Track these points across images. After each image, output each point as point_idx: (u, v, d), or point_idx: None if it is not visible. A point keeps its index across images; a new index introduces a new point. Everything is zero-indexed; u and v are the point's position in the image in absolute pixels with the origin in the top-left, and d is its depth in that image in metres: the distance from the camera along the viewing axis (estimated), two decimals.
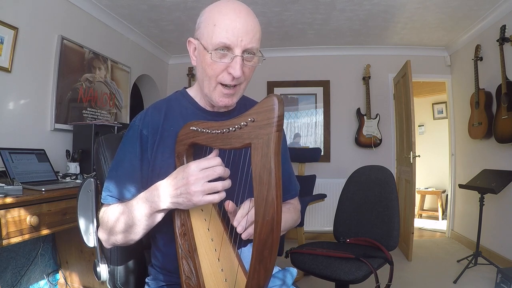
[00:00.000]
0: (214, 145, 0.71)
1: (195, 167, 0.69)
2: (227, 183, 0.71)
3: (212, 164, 0.70)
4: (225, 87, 0.81)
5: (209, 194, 0.70)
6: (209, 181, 0.69)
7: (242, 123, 0.62)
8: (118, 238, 0.81)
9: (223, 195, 0.71)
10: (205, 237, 0.78)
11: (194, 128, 0.75)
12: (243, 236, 0.72)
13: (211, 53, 0.77)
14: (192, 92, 0.95)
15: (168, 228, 0.82)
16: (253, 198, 0.61)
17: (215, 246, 0.78)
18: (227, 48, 0.77)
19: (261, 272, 0.60)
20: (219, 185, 0.69)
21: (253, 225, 0.61)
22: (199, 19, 0.84)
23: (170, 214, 0.80)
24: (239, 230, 0.72)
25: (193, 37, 0.86)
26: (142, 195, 0.78)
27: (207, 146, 0.75)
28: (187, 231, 0.77)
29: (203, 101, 0.92)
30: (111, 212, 0.82)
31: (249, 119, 0.61)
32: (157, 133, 0.87)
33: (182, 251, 0.77)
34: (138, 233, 0.79)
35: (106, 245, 0.87)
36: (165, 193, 0.73)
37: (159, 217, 0.78)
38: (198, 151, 0.82)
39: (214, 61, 0.78)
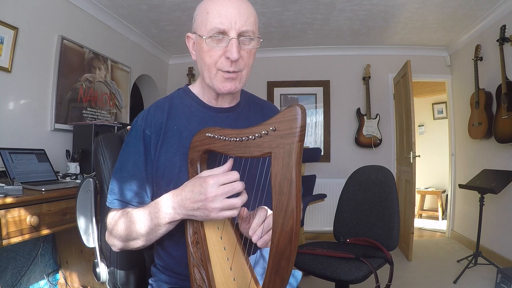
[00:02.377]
0: (230, 153, 0.69)
1: (213, 182, 0.67)
2: (245, 198, 0.69)
3: (230, 180, 0.68)
4: (225, 73, 0.80)
5: (227, 210, 0.68)
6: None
7: (262, 132, 0.61)
8: (129, 244, 0.80)
9: (240, 209, 0.70)
10: (218, 246, 0.77)
11: (209, 134, 0.73)
12: (259, 244, 0.71)
13: (205, 38, 0.77)
14: (195, 89, 0.92)
15: (175, 230, 0.80)
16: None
17: (227, 255, 0.76)
18: (222, 33, 0.77)
19: (277, 282, 0.59)
20: (238, 202, 0.68)
21: (269, 233, 0.59)
22: (194, 13, 0.85)
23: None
24: (254, 239, 0.71)
25: (191, 32, 0.86)
26: (155, 203, 0.76)
27: (222, 154, 0.73)
28: (199, 240, 0.75)
29: (206, 96, 0.90)
30: (121, 220, 0.79)
31: (270, 128, 0.60)
32: (160, 133, 0.85)
33: (194, 259, 0.76)
34: (150, 240, 0.78)
35: (115, 249, 0.85)
36: (181, 205, 0.71)
37: (172, 225, 0.76)
38: (211, 157, 0.80)
39: (211, 47, 0.78)
